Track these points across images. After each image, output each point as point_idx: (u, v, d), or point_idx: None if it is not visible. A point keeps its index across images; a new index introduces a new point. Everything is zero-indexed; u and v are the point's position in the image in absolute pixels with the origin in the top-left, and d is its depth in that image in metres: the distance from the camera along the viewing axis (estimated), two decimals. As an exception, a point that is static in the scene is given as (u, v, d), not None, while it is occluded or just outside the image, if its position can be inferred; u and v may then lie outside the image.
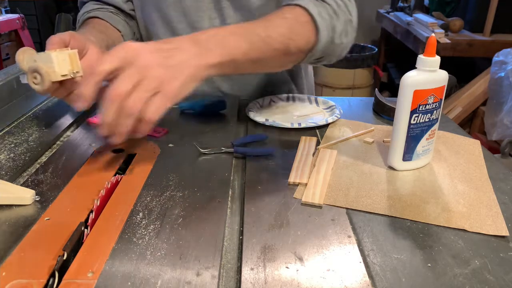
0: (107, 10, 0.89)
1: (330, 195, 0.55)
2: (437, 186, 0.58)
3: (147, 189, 0.56)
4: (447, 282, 0.41)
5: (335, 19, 0.69)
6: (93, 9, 0.88)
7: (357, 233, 0.48)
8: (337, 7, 0.70)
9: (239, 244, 0.47)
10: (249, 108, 0.81)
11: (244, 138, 0.71)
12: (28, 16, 3.00)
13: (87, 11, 0.87)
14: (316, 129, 0.76)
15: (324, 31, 0.67)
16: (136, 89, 0.50)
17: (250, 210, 0.52)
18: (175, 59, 0.53)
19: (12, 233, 0.47)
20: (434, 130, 0.61)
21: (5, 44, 2.79)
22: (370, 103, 0.88)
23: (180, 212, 0.51)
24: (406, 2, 2.93)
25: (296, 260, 0.43)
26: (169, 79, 0.51)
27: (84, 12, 0.87)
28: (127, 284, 0.40)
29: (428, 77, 0.57)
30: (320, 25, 0.66)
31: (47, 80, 0.58)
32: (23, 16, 2.80)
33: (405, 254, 0.44)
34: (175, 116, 0.81)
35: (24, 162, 0.63)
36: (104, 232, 0.47)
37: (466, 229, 0.49)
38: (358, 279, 0.41)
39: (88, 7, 0.89)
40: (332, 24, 0.68)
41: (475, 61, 2.57)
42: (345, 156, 0.66)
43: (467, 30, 2.33)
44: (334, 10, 0.69)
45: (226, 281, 0.42)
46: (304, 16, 0.66)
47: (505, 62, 1.95)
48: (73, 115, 0.81)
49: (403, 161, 0.61)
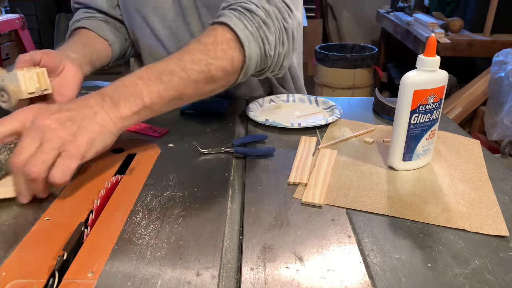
0: (97, 18, 0.87)
1: (330, 195, 0.55)
2: (437, 186, 0.58)
3: (147, 189, 0.56)
4: (447, 282, 0.41)
5: (264, 30, 0.64)
6: (82, 17, 0.86)
7: (357, 233, 0.48)
8: (266, 17, 0.64)
9: (239, 244, 0.47)
10: (249, 108, 0.81)
11: (244, 138, 0.71)
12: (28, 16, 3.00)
13: (76, 19, 0.86)
14: (316, 129, 0.76)
15: (252, 45, 0.62)
16: (37, 153, 0.48)
17: (250, 210, 0.52)
18: (79, 117, 0.52)
19: (12, 233, 0.47)
20: (434, 130, 0.61)
21: (5, 44, 2.79)
22: (370, 103, 0.88)
23: (180, 212, 0.51)
24: (406, 2, 2.93)
25: (296, 260, 0.43)
26: (72, 138, 0.50)
27: (74, 20, 0.87)
28: (127, 284, 0.40)
29: (428, 77, 0.57)
30: (245, 40, 0.61)
31: (14, 99, 0.62)
32: (23, 16, 2.80)
33: (405, 254, 0.44)
34: (175, 116, 0.81)
35: (24, 162, 0.63)
36: (104, 232, 0.47)
37: (466, 229, 0.49)
38: (358, 279, 0.41)
39: (78, 15, 0.88)
40: (261, 35, 0.63)
41: (475, 61, 2.57)
42: (345, 156, 0.66)
43: (467, 30, 2.33)
44: (263, 20, 0.63)
45: (226, 281, 0.42)
46: (226, 34, 0.61)
47: (505, 62, 1.95)
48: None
49: (403, 161, 0.61)
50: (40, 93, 0.64)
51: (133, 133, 0.73)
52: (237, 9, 0.64)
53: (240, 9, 0.63)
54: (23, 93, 0.62)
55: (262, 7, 0.64)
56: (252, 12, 0.63)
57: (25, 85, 0.62)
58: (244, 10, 0.63)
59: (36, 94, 0.64)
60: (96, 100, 0.54)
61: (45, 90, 0.64)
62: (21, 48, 2.89)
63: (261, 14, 0.63)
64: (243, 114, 0.81)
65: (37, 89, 0.63)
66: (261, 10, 0.63)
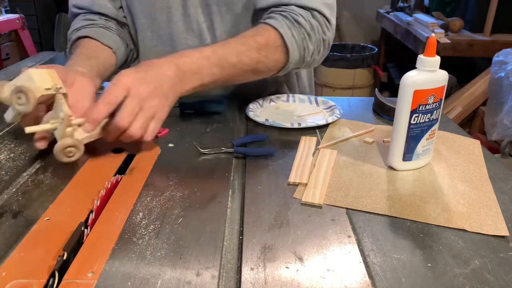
0: (97, 25, 0.85)
1: (330, 195, 0.55)
2: (437, 186, 0.58)
3: (147, 189, 0.56)
4: (447, 282, 0.41)
5: (307, 40, 0.75)
6: (82, 26, 0.84)
7: (357, 233, 0.48)
8: (310, 29, 0.75)
9: (239, 244, 0.47)
10: (249, 108, 0.81)
11: (244, 138, 0.71)
12: (28, 16, 3.00)
13: (76, 28, 0.84)
14: (316, 129, 0.76)
15: (295, 52, 0.74)
16: (137, 119, 0.59)
17: (250, 210, 0.52)
18: (164, 88, 0.62)
19: (12, 233, 0.47)
20: (434, 130, 0.61)
21: (5, 44, 2.79)
22: (370, 103, 0.88)
23: (180, 212, 0.51)
24: (406, 2, 2.93)
25: (296, 260, 0.43)
26: (160, 107, 0.62)
27: (73, 29, 0.84)
28: (127, 284, 0.40)
29: (428, 77, 0.57)
30: (291, 47, 0.73)
31: (32, 98, 0.58)
32: (23, 16, 2.80)
33: (405, 254, 0.44)
34: (175, 116, 0.81)
35: (24, 162, 0.63)
36: (104, 232, 0.47)
37: (466, 229, 0.49)
38: (358, 279, 0.41)
39: (77, 23, 0.85)
40: (304, 45, 0.75)
41: (475, 61, 2.57)
42: (345, 156, 0.66)
43: (467, 30, 2.33)
44: (308, 32, 0.74)
45: (226, 281, 0.42)
46: (277, 39, 0.73)
47: (505, 62, 1.95)
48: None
49: (403, 161, 0.61)
50: (55, 91, 0.61)
51: (133, 133, 0.73)
52: (287, 17, 0.74)
53: (291, 19, 0.74)
54: (39, 89, 0.59)
55: (308, 21, 0.75)
56: (300, 24, 0.74)
57: (40, 82, 0.59)
58: (294, 21, 0.74)
59: (51, 92, 0.60)
60: (172, 72, 0.64)
61: (60, 89, 0.61)
62: (21, 48, 2.89)
63: (307, 27, 0.74)
64: (243, 114, 0.81)
65: (52, 86, 0.60)
66: (308, 24, 0.74)
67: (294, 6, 0.75)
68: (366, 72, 2.89)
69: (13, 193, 0.55)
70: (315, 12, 0.75)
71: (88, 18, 0.86)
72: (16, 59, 2.84)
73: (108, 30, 0.86)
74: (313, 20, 0.75)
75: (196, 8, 0.84)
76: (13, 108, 0.60)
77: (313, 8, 0.75)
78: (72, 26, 0.86)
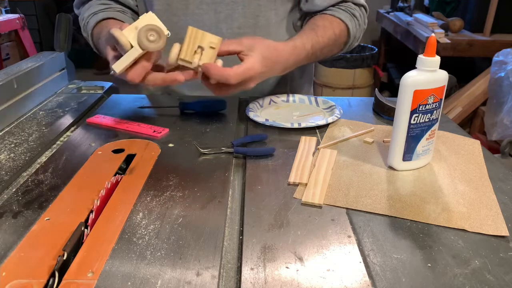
0: (114, 9, 0.87)
1: (330, 195, 0.55)
2: (437, 186, 0.58)
3: (147, 189, 0.56)
4: (447, 282, 0.41)
5: (359, 31, 0.87)
6: (100, 10, 0.85)
7: (357, 233, 0.48)
8: (361, 20, 0.87)
9: (239, 244, 0.47)
10: (249, 108, 0.81)
11: (244, 138, 0.71)
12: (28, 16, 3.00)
13: (93, 12, 0.84)
14: (316, 129, 0.76)
15: (350, 42, 0.87)
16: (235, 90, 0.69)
17: (250, 210, 0.52)
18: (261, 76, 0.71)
19: (12, 233, 0.47)
20: (434, 130, 0.61)
21: (5, 44, 2.79)
22: (370, 103, 0.88)
23: (180, 212, 0.51)
24: (406, 2, 2.93)
25: (296, 260, 0.43)
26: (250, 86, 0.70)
27: (90, 13, 0.85)
28: (127, 284, 0.40)
29: (428, 77, 0.57)
30: (351, 37, 0.86)
31: (163, 35, 0.60)
32: (23, 16, 2.80)
33: (405, 254, 0.44)
34: (175, 116, 0.81)
35: (24, 162, 0.63)
36: (104, 232, 0.47)
37: (466, 229, 0.49)
38: (358, 279, 0.41)
39: (94, 8, 0.86)
40: (356, 35, 0.87)
41: (475, 61, 2.57)
42: (345, 156, 0.66)
43: (467, 30, 2.33)
44: (359, 22, 0.87)
45: (226, 281, 0.42)
46: (345, 33, 0.85)
47: (505, 62, 1.95)
48: (73, 115, 0.81)
49: (403, 161, 0.61)
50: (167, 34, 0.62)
51: (133, 133, 0.73)
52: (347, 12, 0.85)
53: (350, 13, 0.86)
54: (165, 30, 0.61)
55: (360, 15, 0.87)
56: (355, 17, 0.86)
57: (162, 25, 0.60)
58: (352, 15, 0.86)
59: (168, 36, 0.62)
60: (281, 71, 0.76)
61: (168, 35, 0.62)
62: (21, 48, 2.89)
63: (359, 18, 0.87)
64: (243, 114, 0.81)
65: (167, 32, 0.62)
66: (360, 17, 0.87)
67: (351, 3, 0.87)
68: (366, 72, 2.89)
69: (13, 193, 0.55)
70: (362, 8, 0.88)
71: (103, 2, 0.88)
72: (16, 59, 2.84)
73: (125, 14, 0.88)
74: (361, 14, 0.87)
75: None
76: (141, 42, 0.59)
77: (362, 4, 0.88)
78: (87, 11, 0.86)
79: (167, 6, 0.87)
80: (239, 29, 0.87)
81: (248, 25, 0.87)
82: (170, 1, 0.86)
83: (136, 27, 0.60)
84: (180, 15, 0.87)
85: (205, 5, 0.86)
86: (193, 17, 0.86)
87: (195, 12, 0.86)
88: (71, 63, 1.04)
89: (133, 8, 0.92)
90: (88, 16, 0.85)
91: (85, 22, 0.86)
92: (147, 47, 0.60)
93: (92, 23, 0.84)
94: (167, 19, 0.87)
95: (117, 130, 0.74)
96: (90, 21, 0.84)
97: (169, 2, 0.86)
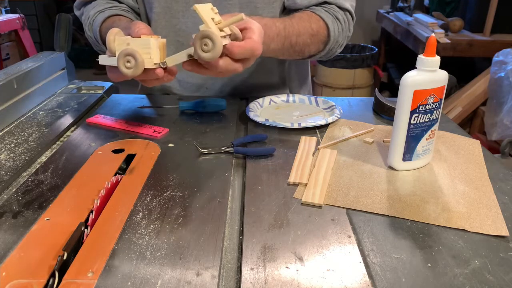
0: (120, 8, 0.88)
1: (330, 195, 0.55)
2: (437, 186, 0.58)
3: (147, 189, 0.56)
4: (447, 282, 0.41)
5: (340, 36, 0.85)
6: (107, 7, 0.85)
7: (357, 233, 0.48)
8: (344, 25, 0.85)
9: (239, 244, 0.47)
10: (249, 108, 0.81)
11: (244, 138, 0.71)
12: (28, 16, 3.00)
13: (100, 10, 0.85)
14: (316, 129, 0.76)
15: (330, 45, 0.85)
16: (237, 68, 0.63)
17: (250, 210, 0.52)
18: None
19: (12, 233, 0.47)
20: (434, 130, 0.61)
21: (5, 44, 2.79)
22: (370, 103, 0.88)
23: (180, 212, 0.51)
24: (406, 2, 2.93)
25: (296, 260, 0.43)
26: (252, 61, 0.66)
27: (97, 11, 0.85)
28: (127, 284, 0.40)
29: (428, 77, 0.57)
30: (332, 40, 0.84)
31: (141, 66, 0.58)
32: (23, 16, 2.80)
33: (405, 254, 0.44)
34: (175, 116, 0.81)
35: (24, 162, 0.63)
36: (104, 232, 0.47)
37: (466, 229, 0.49)
38: (358, 279, 0.41)
39: (100, 6, 0.86)
40: (337, 39, 0.85)
41: (475, 61, 2.57)
42: (345, 156, 0.66)
43: (467, 30, 2.33)
44: (342, 27, 0.85)
45: (226, 281, 0.42)
46: (324, 31, 0.83)
47: (505, 62, 1.95)
48: (73, 115, 0.81)
49: (403, 161, 0.61)
50: (161, 65, 0.61)
51: (133, 133, 0.73)
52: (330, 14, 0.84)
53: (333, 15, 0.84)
54: (150, 62, 0.59)
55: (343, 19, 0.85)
56: (339, 20, 0.84)
57: (154, 54, 0.59)
58: (335, 18, 0.84)
59: (157, 66, 0.60)
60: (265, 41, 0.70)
61: (164, 63, 0.61)
62: (21, 48, 2.89)
63: (343, 23, 0.85)
64: (243, 114, 0.81)
65: (160, 60, 0.61)
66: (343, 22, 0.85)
67: (335, 5, 0.85)
68: (366, 72, 2.89)
69: (13, 193, 0.55)
70: (347, 13, 0.86)
71: (108, 1, 0.88)
72: (16, 59, 2.84)
73: (130, 13, 0.89)
74: (346, 19, 0.86)
75: None
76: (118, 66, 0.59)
77: (347, 9, 0.86)
78: (93, 9, 0.86)
79: (166, 9, 0.87)
80: None
81: None
82: (169, 3, 0.86)
83: (128, 43, 0.59)
84: (180, 17, 0.87)
85: None
86: (192, 19, 0.86)
87: (194, 14, 0.86)
88: (71, 63, 1.04)
89: (136, 10, 0.92)
90: (94, 14, 0.85)
91: (90, 20, 0.86)
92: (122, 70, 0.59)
93: (100, 19, 0.84)
94: (166, 21, 0.88)
95: (117, 130, 0.74)
96: (98, 17, 0.84)
97: (169, 5, 0.86)
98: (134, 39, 0.60)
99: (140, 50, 0.58)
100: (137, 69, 0.58)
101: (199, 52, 0.57)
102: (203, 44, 0.56)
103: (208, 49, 0.56)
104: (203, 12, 0.57)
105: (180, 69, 0.94)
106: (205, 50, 0.57)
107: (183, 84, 0.94)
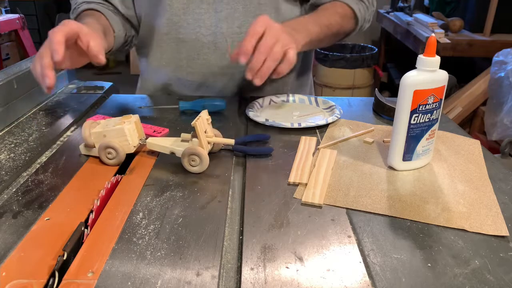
0: (107, 6, 0.89)
1: (330, 195, 0.55)
2: (437, 186, 0.58)
3: (147, 189, 0.56)
4: (447, 282, 0.41)
5: (367, 13, 0.94)
6: (94, 1, 0.87)
7: (357, 233, 0.48)
8: (368, 4, 0.94)
9: (239, 244, 0.47)
10: (249, 108, 0.81)
11: (245, 137, 0.71)
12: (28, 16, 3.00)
13: (86, 1, 0.86)
14: (316, 129, 0.76)
15: (361, 22, 0.93)
16: (276, 44, 0.68)
17: (250, 210, 0.52)
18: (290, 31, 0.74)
19: (12, 233, 0.47)
20: (434, 130, 0.61)
21: (5, 44, 2.79)
22: (370, 103, 0.88)
23: (180, 212, 0.51)
24: (406, 2, 2.93)
25: (296, 260, 0.43)
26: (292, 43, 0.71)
27: (84, 1, 0.87)
28: (127, 284, 0.40)
29: (428, 77, 0.57)
30: (360, 19, 0.92)
31: (122, 155, 0.62)
32: (23, 16, 2.80)
33: (405, 254, 0.44)
34: (175, 116, 0.81)
35: (24, 162, 0.63)
36: (104, 232, 0.47)
37: (466, 229, 0.49)
38: (358, 279, 0.41)
39: None
40: (364, 16, 0.94)
41: (475, 61, 2.57)
42: (345, 156, 0.66)
43: (467, 30, 2.32)
44: (367, 6, 0.94)
45: (226, 281, 0.42)
46: (351, 13, 0.91)
47: (505, 62, 1.95)
48: (73, 115, 0.81)
49: (403, 161, 0.61)
50: (141, 143, 0.65)
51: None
52: None
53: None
54: (130, 147, 0.62)
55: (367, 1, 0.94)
56: (364, 2, 0.93)
57: (132, 139, 0.62)
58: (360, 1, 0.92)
59: (136, 148, 0.64)
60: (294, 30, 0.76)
61: (143, 139, 0.65)
62: (21, 48, 2.89)
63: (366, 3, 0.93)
64: (243, 114, 0.81)
65: (138, 139, 0.64)
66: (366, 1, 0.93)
67: None
68: (366, 72, 2.89)
69: (13, 193, 0.55)
70: None
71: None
72: (16, 59, 2.84)
73: (116, 15, 0.90)
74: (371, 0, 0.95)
75: None
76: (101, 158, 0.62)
77: None
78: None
79: (167, 6, 0.87)
80: (240, 28, 0.87)
81: (248, 24, 0.87)
82: (170, 0, 0.86)
83: (104, 135, 0.62)
84: (180, 14, 0.87)
85: (206, 4, 0.86)
86: (193, 16, 0.86)
87: (195, 11, 0.86)
88: (71, 63, 1.03)
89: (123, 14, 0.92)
90: (80, 3, 0.87)
91: (76, 6, 0.88)
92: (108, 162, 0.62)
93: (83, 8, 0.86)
94: (167, 19, 0.88)
95: (117, 130, 0.74)
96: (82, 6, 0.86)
97: (170, 2, 0.86)
98: (109, 130, 0.62)
99: (117, 139, 0.61)
100: (120, 158, 0.62)
101: (187, 166, 0.60)
102: (191, 160, 0.60)
103: (195, 164, 0.60)
104: (200, 128, 0.60)
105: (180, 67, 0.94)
106: (193, 164, 0.60)
107: (183, 82, 0.94)
